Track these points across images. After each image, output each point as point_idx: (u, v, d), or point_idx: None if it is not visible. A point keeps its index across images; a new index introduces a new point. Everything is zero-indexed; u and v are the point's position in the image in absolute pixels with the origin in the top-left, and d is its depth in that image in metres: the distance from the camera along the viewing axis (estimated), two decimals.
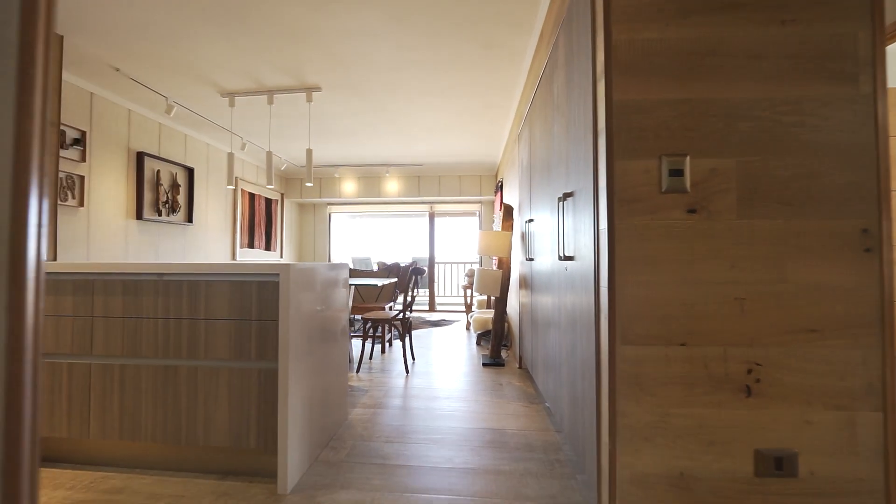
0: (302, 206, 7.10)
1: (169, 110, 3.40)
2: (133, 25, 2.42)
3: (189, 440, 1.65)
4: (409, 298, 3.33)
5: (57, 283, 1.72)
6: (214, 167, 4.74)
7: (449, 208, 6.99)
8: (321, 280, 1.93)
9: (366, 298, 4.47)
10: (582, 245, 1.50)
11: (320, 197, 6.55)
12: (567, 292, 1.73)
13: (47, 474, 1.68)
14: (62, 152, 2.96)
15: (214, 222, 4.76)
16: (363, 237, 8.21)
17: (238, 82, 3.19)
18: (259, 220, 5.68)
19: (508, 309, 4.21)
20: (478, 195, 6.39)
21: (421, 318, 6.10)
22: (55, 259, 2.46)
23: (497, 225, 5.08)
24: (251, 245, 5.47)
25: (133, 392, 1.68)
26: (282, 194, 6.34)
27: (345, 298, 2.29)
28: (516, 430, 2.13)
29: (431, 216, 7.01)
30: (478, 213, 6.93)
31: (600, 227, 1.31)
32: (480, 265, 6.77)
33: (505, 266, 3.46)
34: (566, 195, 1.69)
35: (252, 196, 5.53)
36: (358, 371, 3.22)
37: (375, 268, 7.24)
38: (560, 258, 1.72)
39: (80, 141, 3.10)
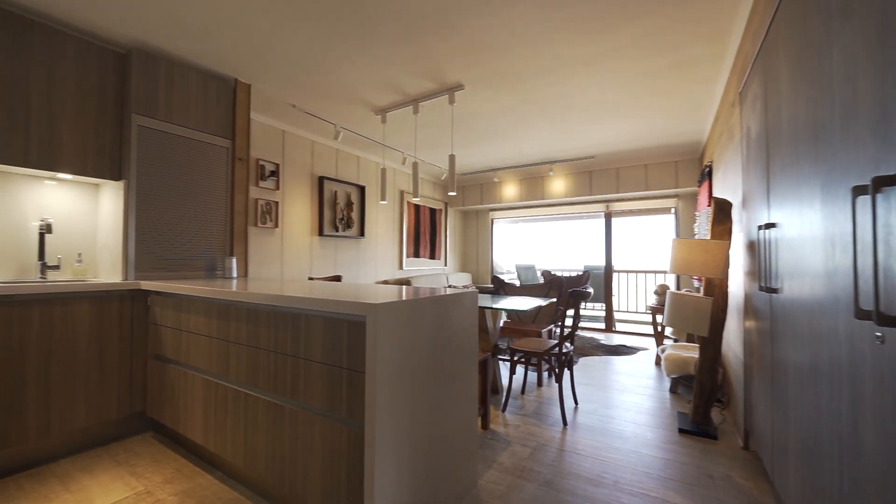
0: (465, 214, 7.10)
1: (336, 135, 3.70)
2: (294, 62, 2.59)
3: (291, 489, 1.49)
4: (567, 327, 2.62)
5: (208, 306, 1.84)
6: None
7: (631, 206, 5.73)
8: (432, 314, 1.52)
9: (522, 316, 3.92)
10: None
11: (481, 204, 6.36)
12: (883, 386, 0.79)
13: (204, 479, 1.80)
14: (261, 183, 3.54)
15: (384, 234, 5.10)
16: (528, 242, 7.66)
17: (385, 97, 3.16)
18: (424, 230, 5.87)
19: (724, 346, 2.94)
20: (672, 187, 4.97)
21: (593, 340, 5.13)
22: (245, 275, 2.88)
23: (701, 227, 3.74)
24: (416, 254, 5.69)
25: (253, 424, 1.64)
26: (445, 203, 6.44)
27: (472, 330, 1.83)
28: None
29: (608, 216, 5.90)
30: (673, 210, 5.43)
31: None
32: (677, 286, 5.26)
33: (718, 291, 2.34)
34: (884, 181, 0.77)
35: (417, 207, 5.74)
36: (504, 409, 2.72)
37: (540, 276, 6.60)
38: (861, 314, 0.80)
39: (275, 172, 3.66)
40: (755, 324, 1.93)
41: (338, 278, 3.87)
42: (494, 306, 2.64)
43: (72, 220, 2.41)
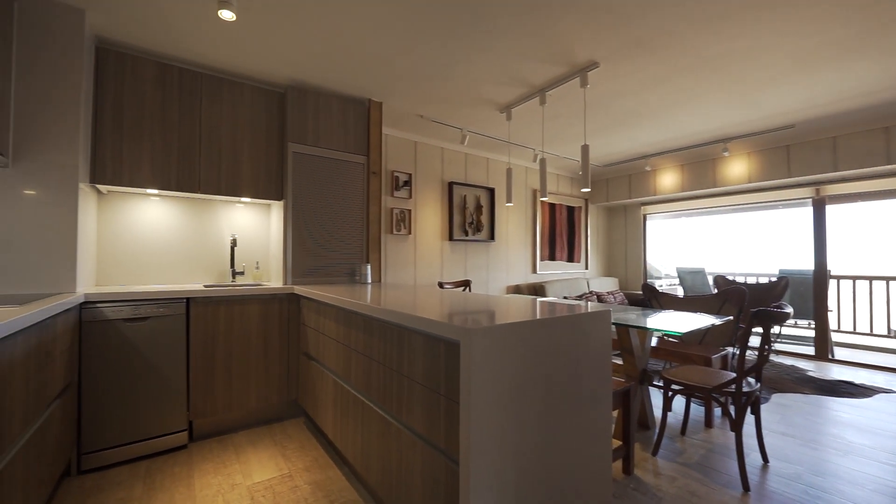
0: (609, 211, 6.29)
1: (463, 139, 3.67)
2: (417, 73, 2.65)
3: None
4: (752, 349, 1.95)
5: (336, 312, 1.98)
6: (513, 185, 4.88)
7: (858, 187, 4.11)
8: (547, 338, 1.27)
9: (683, 337, 3.18)
10: None
11: (630, 197, 5.52)
12: None
13: (334, 473, 1.95)
14: (396, 193, 3.77)
15: (515, 237, 4.89)
16: (694, 241, 6.32)
17: (509, 92, 2.96)
18: (560, 231, 5.42)
19: None
20: None
21: (797, 371, 3.85)
22: (379, 280, 3.09)
23: None
24: (552, 257, 5.29)
25: (367, 432, 1.67)
26: (585, 200, 5.82)
27: (603, 355, 1.48)
28: None
29: (818, 204, 4.38)
30: None
31: None
32: None
33: None
34: None
35: (552, 206, 5.34)
36: (656, 452, 2.20)
37: (711, 283, 5.37)
38: None
39: (408, 182, 3.86)
40: None
41: (466, 283, 3.85)
42: (642, 325, 2.16)
43: (252, 235, 2.98)
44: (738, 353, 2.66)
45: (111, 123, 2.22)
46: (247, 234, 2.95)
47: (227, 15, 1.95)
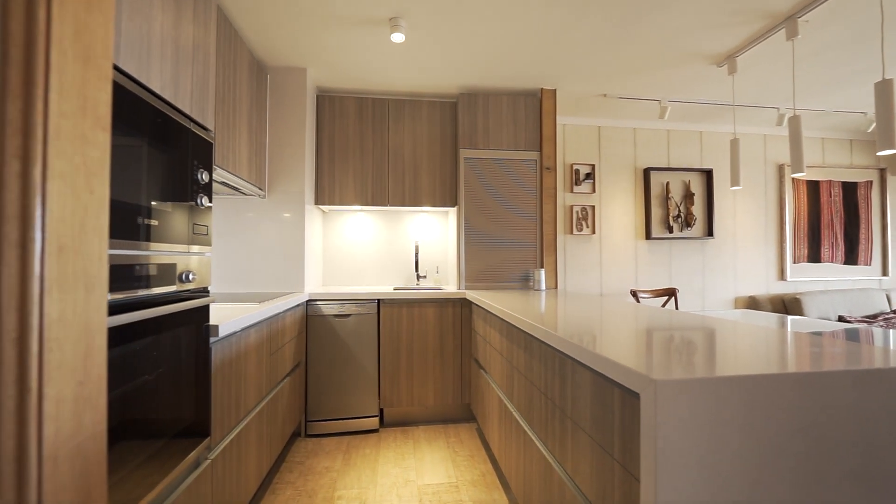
0: None
1: (662, 113, 2.96)
2: (592, 44, 2.25)
3: None
4: None
5: (500, 323, 1.83)
6: (742, 161, 3.66)
7: None
8: (811, 408, 0.76)
9: None
10: None
11: None
12: None
13: (499, 496, 1.80)
14: (576, 189, 3.36)
15: (747, 231, 3.65)
16: None
17: (732, 33, 2.17)
18: (828, 220, 3.75)
19: None
20: None
21: None
22: (555, 287, 2.78)
23: None
24: (815, 258, 3.71)
25: (529, 468, 1.44)
26: (880, 170, 3.85)
27: None
28: None
29: None
30: None
31: None
32: None
33: None
34: None
35: (813, 185, 3.74)
36: None
37: None
38: None
39: (590, 175, 3.39)
40: None
41: (671, 293, 3.11)
42: None
43: (433, 241, 3.17)
44: None
45: (327, 155, 2.73)
46: (428, 240, 3.17)
47: (397, 37, 2.08)
